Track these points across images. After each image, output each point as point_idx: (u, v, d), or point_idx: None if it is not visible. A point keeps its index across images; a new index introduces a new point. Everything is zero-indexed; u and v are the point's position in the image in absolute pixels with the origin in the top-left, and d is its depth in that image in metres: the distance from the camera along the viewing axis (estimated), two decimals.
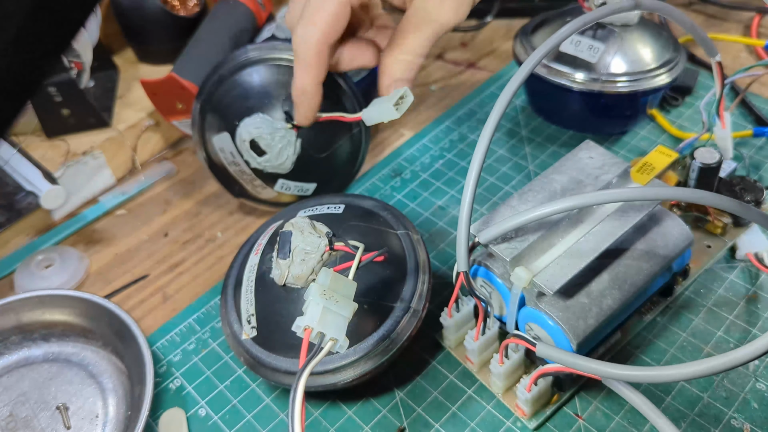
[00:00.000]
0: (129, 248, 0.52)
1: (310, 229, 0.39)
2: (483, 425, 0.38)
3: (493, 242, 0.37)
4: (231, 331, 0.40)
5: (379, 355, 0.37)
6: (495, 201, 0.51)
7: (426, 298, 0.39)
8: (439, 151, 0.56)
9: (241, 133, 0.47)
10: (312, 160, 0.48)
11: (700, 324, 0.41)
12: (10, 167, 0.50)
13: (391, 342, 0.37)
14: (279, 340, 0.38)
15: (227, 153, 0.48)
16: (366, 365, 0.37)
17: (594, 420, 0.38)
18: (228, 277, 0.43)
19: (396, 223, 0.42)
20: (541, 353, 0.35)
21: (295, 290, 0.38)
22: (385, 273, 0.39)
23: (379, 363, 0.37)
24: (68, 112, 0.54)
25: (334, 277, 0.33)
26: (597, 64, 0.49)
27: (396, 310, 0.38)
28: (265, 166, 0.48)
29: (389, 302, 0.38)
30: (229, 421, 0.40)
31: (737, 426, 0.37)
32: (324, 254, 0.38)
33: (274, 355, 0.38)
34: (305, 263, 0.38)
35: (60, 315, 0.45)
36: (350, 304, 0.33)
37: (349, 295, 0.33)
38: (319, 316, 0.31)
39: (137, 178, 0.57)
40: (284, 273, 0.38)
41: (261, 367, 0.39)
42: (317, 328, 0.31)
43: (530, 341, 0.35)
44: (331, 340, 0.32)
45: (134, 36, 0.61)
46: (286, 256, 0.38)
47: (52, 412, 0.41)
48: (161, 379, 0.43)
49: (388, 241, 0.40)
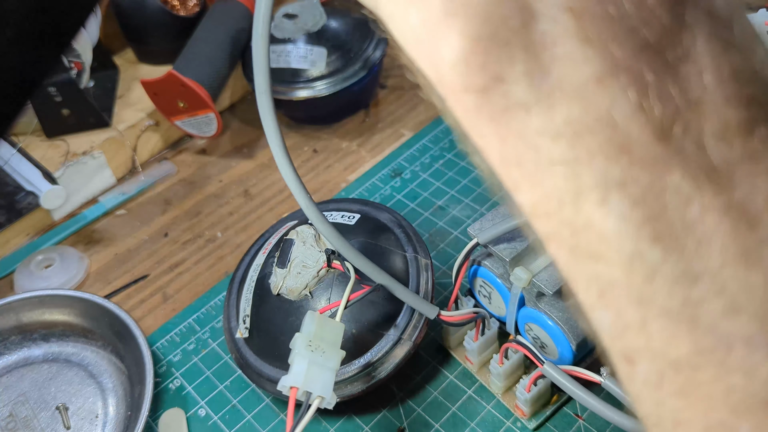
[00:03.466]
0: (129, 248, 0.52)
1: (313, 242, 0.38)
2: (483, 425, 0.38)
3: (492, 242, 0.37)
4: (228, 325, 0.41)
5: (359, 382, 0.37)
6: (495, 201, 0.51)
7: (422, 329, 0.37)
8: (439, 151, 0.56)
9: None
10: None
11: None
12: (10, 167, 0.50)
13: (374, 370, 0.36)
14: (267, 347, 0.38)
15: None
16: (344, 390, 0.37)
17: (594, 420, 0.38)
18: (237, 270, 0.43)
19: (407, 243, 0.40)
20: (548, 374, 0.35)
21: (288, 301, 0.38)
22: (382, 298, 0.37)
23: (358, 390, 0.37)
24: (68, 112, 0.54)
25: (320, 321, 0.32)
26: None
27: (385, 339, 0.37)
28: None
29: (380, 330, 0.37)
30: (229, 421, 0.40)
31: None
32: (321, 270, 0.37)
33: (261, 361, 0.38)
34: (301, 276, 0.37)
35: (60, 315, 0.45)
36: (337, 352, 0.32)
37: (336, 342, 0.32)
38: (305, 373, 0.30)
39: (137, 178, 0.57)
40: (279, 283, 0.38)
41: (248, 369, 0.39)
42: (303, 387, 0.30)
43: (538, 357, 0.35)
44: (318, 397, 0.31)
45: (134, 36, 0.61)
46: (284, 266, 0.38)
47: (52, 412, 0.41)
48: (161, 379, 0.43)
49: (394, 263, 0.39)
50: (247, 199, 0.55)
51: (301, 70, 0.55)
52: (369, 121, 0.60)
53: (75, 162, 0.53)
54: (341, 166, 0.56)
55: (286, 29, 0.56)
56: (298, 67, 0.55)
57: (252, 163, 0.58)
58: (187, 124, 0.56)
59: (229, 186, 0.56)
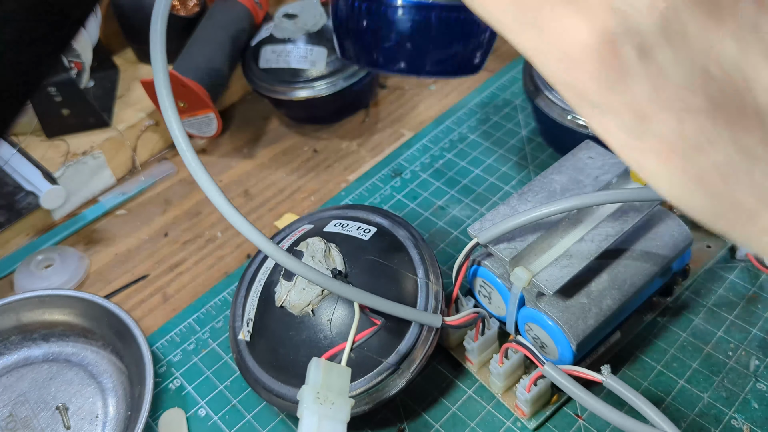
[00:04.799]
0: (129, 248, 0.52)
1: (321, 257, 0.37)
2: (483, 425, 0.38)
3: (492, 242, 0.37)
4: (233, 323, 0.41)
5: (356, 405, 0.36)
6: (495, 201, 0.51)
7: (422, 362, 0.36)
8: (439, 151, 0.56)
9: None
10: None
11: (700, 324, 0.41)
12: (10, 167, 0.50)
13: (369, 398, 0.36)
14: (266, 356, 0.38)
15: None
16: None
17: (594, 420, 0.38)
18: (250, 265, 0.43)
19: (420, 265, 0.38)
20: (548, 375, 0.35)
21: (290, 314, 0.37)
22: (387, 323, 0.36)
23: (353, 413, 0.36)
24: (68, 112, 0.54)
25: (326, 368, 0.31)
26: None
27: (384, 366, 0.36)
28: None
29: (379, 356, 0.36)
30: (228, 421, 0.40)
31: (737, 426, 0.37)
32: (325, 290, 0.36)
33: (259, 368, 0.38)
34: (305, 293, 0.37)
35: (60, 315, 0.45)
36: (346, 402, 0.31)
37: (343, 390, 0.31)
38: (317, 429, 0.29)
39: (137, 178, 0.57)
40: (283, 295, 0.37)
41: (246, 372, 0.39)
42: None
43: (538, 357, 0.35)
44: None
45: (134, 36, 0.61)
46: (290, 279, 0.38)
47: (52, 412, 0.41)
48: (161, 379, 0.43)
49: (404, 287, 0.37)
50: (247, 199, 0.55)
51: (301, 70, 0.55)
52: (369, 121, 0.60)
53: (75, 162, 0.53)
54: (341, 166, 0.56)
55: (286, 29, 0.56)
56: (297, 67, 0.55)
57: (252, 163, 0.58)
58: (187, 124, 0.56)
59: (229, 186, 0.56)
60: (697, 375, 0.39)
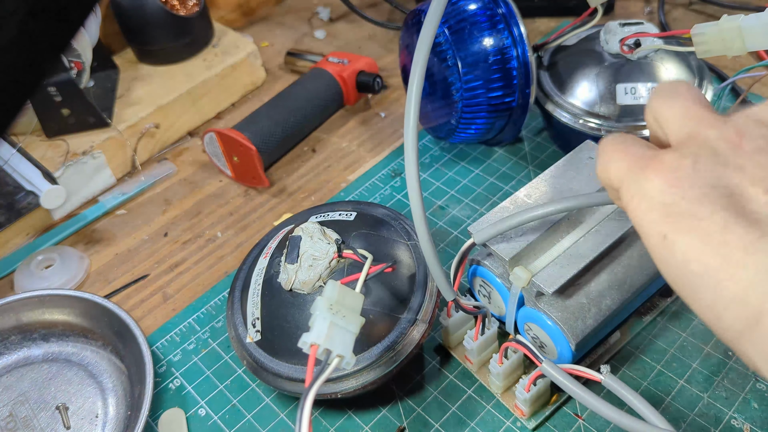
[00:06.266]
0: (129, 248, 0.52)
1: (320, 235, 0.38)
2: (482, 425, 0.38)
3: (492, 242, 0.37)
4: (236, 333, 0.40)
5: (384, 365, 0.37)
6: (495, 201, 0.51)
7: (434, 309, 0.39)
8: (439, 151, 0.56)
9: None
10: None
11: (699, 324, 0.41)
12: (10, 167, 0.50)
13: (396, 353, 0.37)
14: (283, 345, 0.38)
15: None
16: (369, 375, 0.37)
17: (594, 420, 0.38)
18: (236, 279, 0.43)
19: (407, 233, 0.41)
20: (546, 372, 0.35)
21: (301, 296, 0.38)
22: (394, 283, 0.39)
23: (382, 374, 0.37)
24: (68, 112, 0.54)
25: (341, 289, 0.32)
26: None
27: (402, 321, 0.38)
28: None
29: (396, 313, 0.38)
30: (228, 421, 0.40)
31: (737, 426, 0.37)
32: (332, 261, 0.37)
33: (277, 360, 0.38)
34: (313, 269, 0.37)
35: (60, 315, 0.45)
36: (357, 318, 0.32)
37: (356, 309, 0.32)
38: (326, 332, 0.30)
39: (137, 178, 0.57)
40: (291, 278, 0.38)
41: (263, 372, 0.39)
42: (324, 345, 0.30)
43: (536, 355, 0.35)
44: (337, 356, 0.30)
45: (134, 36, 0.61)
46: (294, 261, 0.38)
47: (52, 412, 0.41)
48: (161, 379, 0.43)
49: (398, 252, 0.40)
50: (247, 199, 0.55)
51: None
52: (369, 121, 0.60)
53: (75, 162, 0.53)
54: (341, 166, 0.56)
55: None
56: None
57: None
58: (216, 160, 0.57)
59: (229, 186, 0.56)
60: (697, 375, 0.39)
